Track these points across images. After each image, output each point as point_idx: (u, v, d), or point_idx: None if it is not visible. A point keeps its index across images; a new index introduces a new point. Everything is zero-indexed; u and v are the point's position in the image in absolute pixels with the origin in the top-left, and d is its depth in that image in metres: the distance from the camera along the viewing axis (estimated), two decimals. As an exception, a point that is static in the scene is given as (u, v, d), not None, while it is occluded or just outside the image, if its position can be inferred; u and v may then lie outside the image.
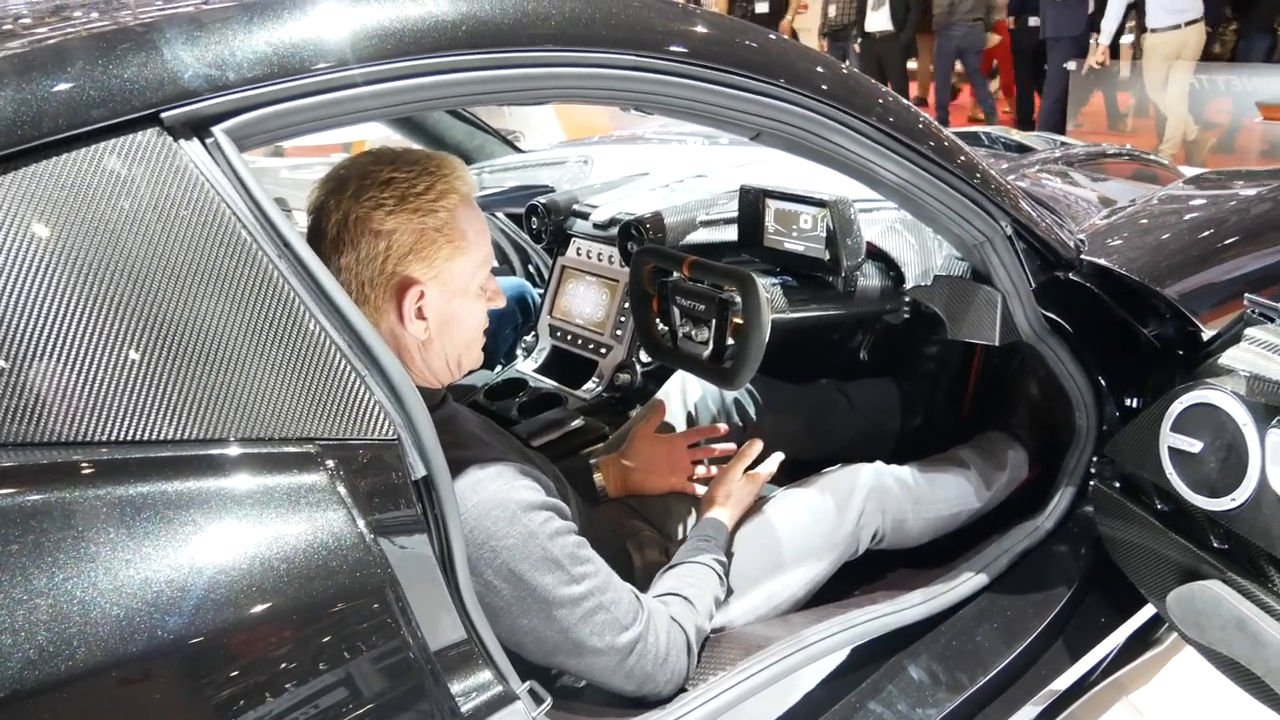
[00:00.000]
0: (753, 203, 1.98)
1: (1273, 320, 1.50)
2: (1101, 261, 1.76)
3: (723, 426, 1.94)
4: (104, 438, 0.83)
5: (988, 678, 1.65)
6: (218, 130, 0.95)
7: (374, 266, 1.19)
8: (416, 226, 1.19)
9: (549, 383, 2.54)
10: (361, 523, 0.90)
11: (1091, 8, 7.35)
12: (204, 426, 0.87)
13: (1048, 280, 1.77)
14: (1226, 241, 1.92)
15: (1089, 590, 1.86)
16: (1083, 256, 1.78)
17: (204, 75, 0.94)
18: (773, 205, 1.94)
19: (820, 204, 1.82)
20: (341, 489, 0.91)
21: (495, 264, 3.25)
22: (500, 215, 3.02)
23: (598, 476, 1.85)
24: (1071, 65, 7.44)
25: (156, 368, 0.86)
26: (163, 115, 0.92)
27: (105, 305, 0.85)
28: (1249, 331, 1.49)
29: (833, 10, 8.31)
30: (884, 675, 1.61)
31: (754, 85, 1.30)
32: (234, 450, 0.89)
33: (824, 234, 1.83)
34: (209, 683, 0.82)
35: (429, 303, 1.23)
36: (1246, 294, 1.55)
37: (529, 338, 2.74)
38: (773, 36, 1.38)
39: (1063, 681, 1.80)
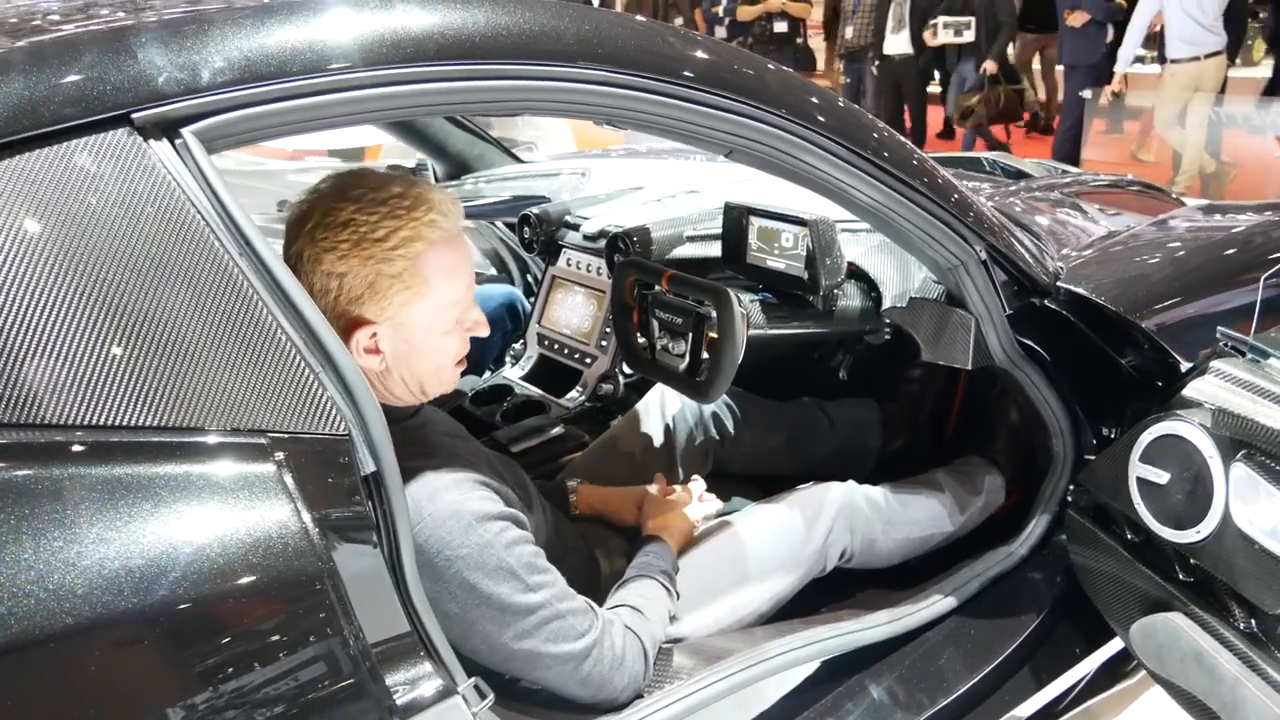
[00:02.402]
0: (737, 219, 2.00)
1: (1243, 354, 1.51)
2: (1078, 289, 1.76)
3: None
4: (58, 421, 0.85)
5: (948, 700, 1.64)
6: (187, 132, 0.98)
7: (325, 302, 1.17)
8: (371, 272, 1.16)
9: (534, 390, 2.56)
10: (306, 515, 0.92)
11: (1110, 36, 7.32)
12: (157, 414, 0.90)
13: (1024, 306, 1.77)
14: (1208, 274, 1.92)
15: (1060, 619, 1.85)
16: (1060, 284, 1.78)
17: (175, 78, 0.97)
18: (756, 223, 1.96)
19: (801, 223, 1.84)
20: (289, 480, 0.92)
21: (495, 272, 3.28)
22: (499, 224, 3.05)
23: (572, 498, 1.84)
24: (1088, 93, 7.40)
25: (114, 355, 0.89)
26: (133, 116, 0.95)
27: (67, 295, 0.88)
28: (1215, 364, 1.50)
29: (849, 32, 8.23)
30: (845, 693, 1.61)
31: (726, 103, 1.31)
32: (186, 438, 0.91)
33: (804, 253, 1.84)
34: (144, 666, 0.84)
35: (383, 339, 1.21)
36: (1219, 327, 1.56)
37: (517, 345, 2.77)
38: (748, 55, 1.40)
39: (1026, 708, 1.79)
